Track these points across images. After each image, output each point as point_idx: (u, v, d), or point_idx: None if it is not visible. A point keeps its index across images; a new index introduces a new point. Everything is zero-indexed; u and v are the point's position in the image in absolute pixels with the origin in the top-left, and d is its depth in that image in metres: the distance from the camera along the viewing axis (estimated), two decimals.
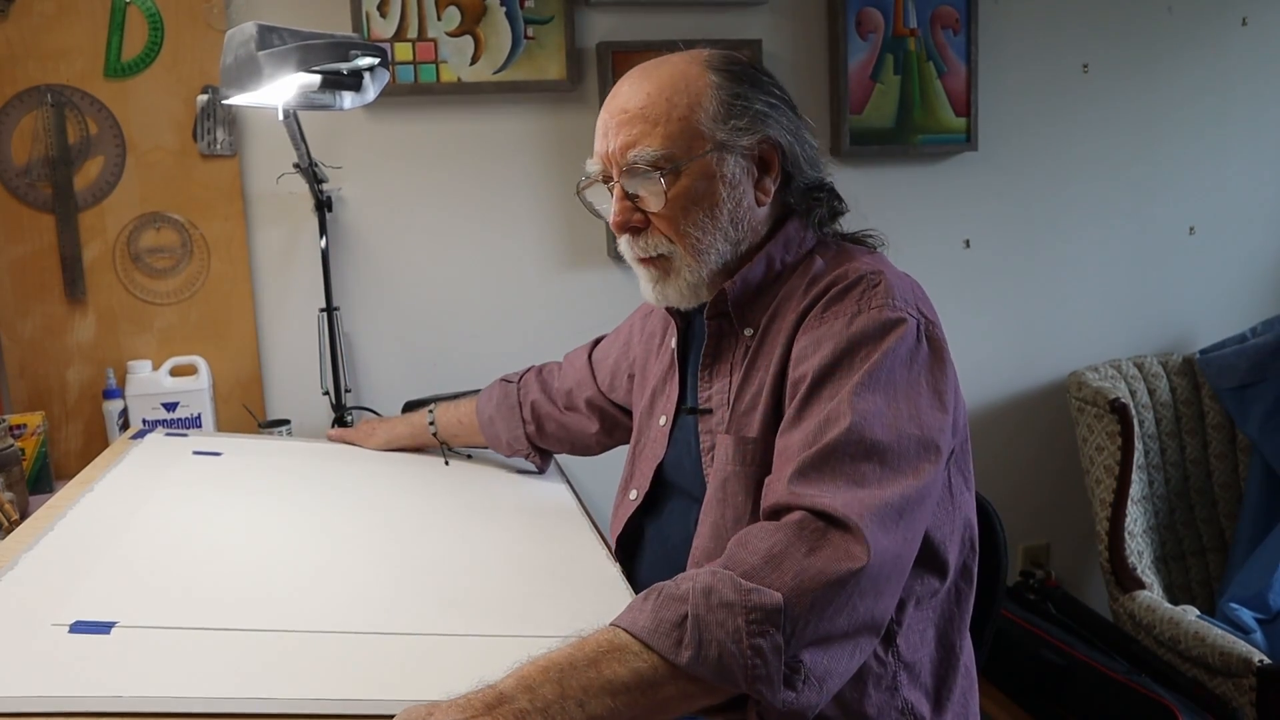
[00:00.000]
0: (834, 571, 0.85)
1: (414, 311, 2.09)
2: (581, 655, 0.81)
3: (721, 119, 1.07)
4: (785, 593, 0.84)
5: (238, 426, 1.95)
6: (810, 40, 2.26)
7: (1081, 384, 2.38)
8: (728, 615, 0.82)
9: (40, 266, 1.86)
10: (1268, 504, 2.36)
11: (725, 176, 1.08)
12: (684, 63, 1.10)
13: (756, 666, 0.81)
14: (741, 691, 0.83)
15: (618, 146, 1.08)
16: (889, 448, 0.93)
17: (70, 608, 0.94)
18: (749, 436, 1.06)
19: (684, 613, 0.83)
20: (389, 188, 2.05)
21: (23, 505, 1.50)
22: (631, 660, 0.81)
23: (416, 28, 2.00)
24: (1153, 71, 2.50)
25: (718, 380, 1.13)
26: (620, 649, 0.82)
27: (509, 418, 1.54)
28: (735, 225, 1.09)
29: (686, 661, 0.81)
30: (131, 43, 1.87)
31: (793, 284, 1.10)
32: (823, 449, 0.93)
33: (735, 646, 0.81)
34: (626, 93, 1.09)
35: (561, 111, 2.12)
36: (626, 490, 1.26)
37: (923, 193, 2.36)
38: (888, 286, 1.02)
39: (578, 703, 0.78)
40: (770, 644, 0.82)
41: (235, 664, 0.88)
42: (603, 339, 1.51)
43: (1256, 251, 2.66)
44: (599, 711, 0.78)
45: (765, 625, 0.82)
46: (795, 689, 0.84)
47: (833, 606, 0.85)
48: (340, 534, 1.28)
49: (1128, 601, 2.20)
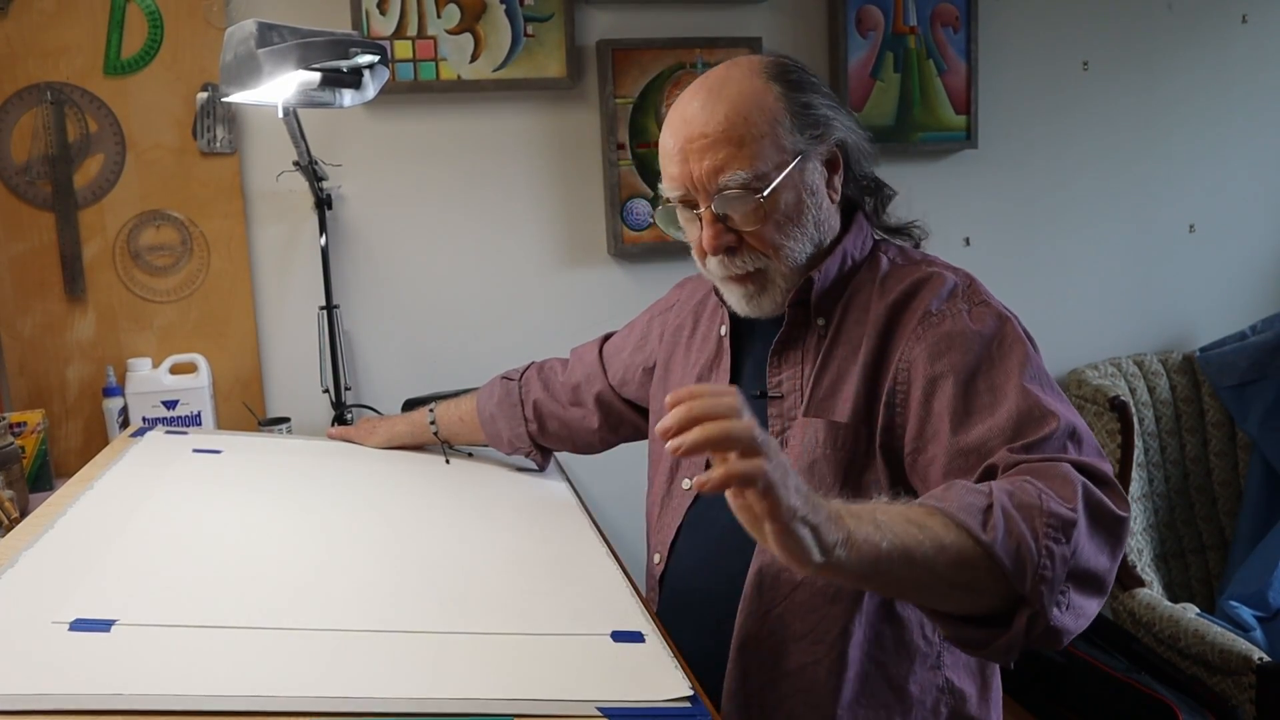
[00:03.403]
0: (1113, 512, 0.90)
1: (414, 309, 2.09)
2: (897, 508, 0.85)
3: (798, 130, 1.09)
4: (1078, 513, 0.87)
5: (238, 424, 1.95)
6: (810, 38, 2.25)
7: (1081, 382, 2.38)
8: (1029, 514, 0.85)
9: (40, 264, 1.86)
10: (1267, 502, 2.36)
11: (807, 184, 1.10)
12: (747, 78, 1.09)
13: (1045, 567, 0.84)
14: (1021, 593, 0.84)
15: (704, 171, 1.08)
16: (1083, 431, 0.98)
17: (70, 605, 0.94)
18: (840, 421, 1.08)
19: (989, 503, 0.86)
20: (389, 185, 2.05)
21: (23, 503, 1.50)
22: (946, 522, 0.84)
23: (416, 25, 2.00)
24: (1153, 69, 2.50)
25: (788, 368, 1.15)
26: (931, 513, 0.85)
27: (510, 415, 1.54)
28: (818, 228, 1.13)
29: (992, 540, 0.83)
30: (131, 40, 1.86)
31: (862, 278, 1.14)
32: (1039, 439, 0.95)
33: (1033, 542, 0.84)
34: (700, 116, 1.08)
35: (561, 109, 2.12)
36: (673, 480, 1.25)
37: (922, 190, 2.36)
38: (976, 284, 1.11)
39: (891, 531, 0.80)
40: (1060, 551, 0.85)
41: (235, 662, 0.87)
42: (613, 335, 1.51)
43: (1256, 249, 2.66)
44: (909, 540, 0.81)
45: (1058, 534, 0.85)
46: (1060, 609, 0.86)
47: (1107, 541, 0.89)
48: (340, 532, 1.28)
49: (1128, 599, 2.20)
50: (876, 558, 0.79)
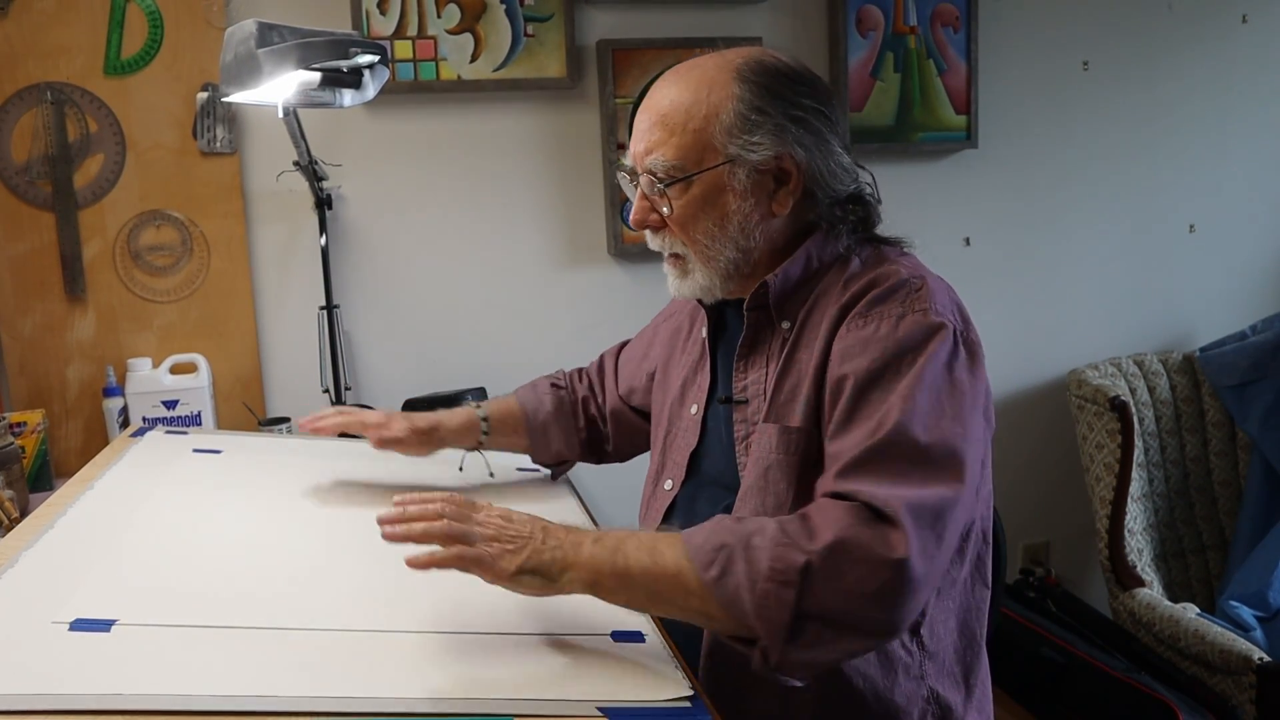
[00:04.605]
0: (869, 554, 0.89)
1: (414, 309, 2.09)
2: (649, 535, 0.97)
3: (736, 133, 1.07)
4: (813, 557, 0.89)
5: (238, 424, 1.95)
6: (810, 38, 2.25)
7: (1081, 382, 2.38)
8: (756, 557, 0.90)
9: (40, 264, 1.86)
10: (1268, 501, 2.36)
11: (735, 189, 1.09)
12: (714, 69, 1.09)
13: (764, 609, 0.89)
14: (752, 626, 0.90)
15: (640, 149, 1.11)
16: (930, 450, 0.95)
17: (70, 605, 0.94)
18: (792, 426, 1.07)
19: (726, 542, 0.92)
20: (389, 185, 2.05)
21: (23, 503, 1.50)
22: (679, 555, 0.93)
23: (416, 25, 2.00)
24: (1153, 69, 2.50)
25: (753, 371, 1.14)
26: (673, 543, 0.94)
27: (566, 426, 1.49)
28: (746, 235, 1.11)
29: (709, 580, 0.91)
30: (131, 40, 1.86)
31: (829, 280, 1.11)
32: (870, 448, 0.95)
33: (750, 585, 0.89)
34: (656, 95, 1.11)
35: (561, 109, 2.12)
36: (658, 481, 1.26)
37: (923, 190, 2.36)
38: (929, 291, 1.04)
39: (624, 554, 0.94)
40: (783, 595, 0.88)
41: (235, 662, 0.87)
42: (628, 343, 1.51)
43: (1256, 249, 2.66)
44: (634, 567, 0.93)
45: (784, 578, 0.89)
46: (799, 645, 0.89)
47: (854, 587, 0.89)
48: (340, 532, 1.27)
49: (1128, 599, 2.20)
50: (597, 580, 0.93)
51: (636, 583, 0.93)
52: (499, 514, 0.97)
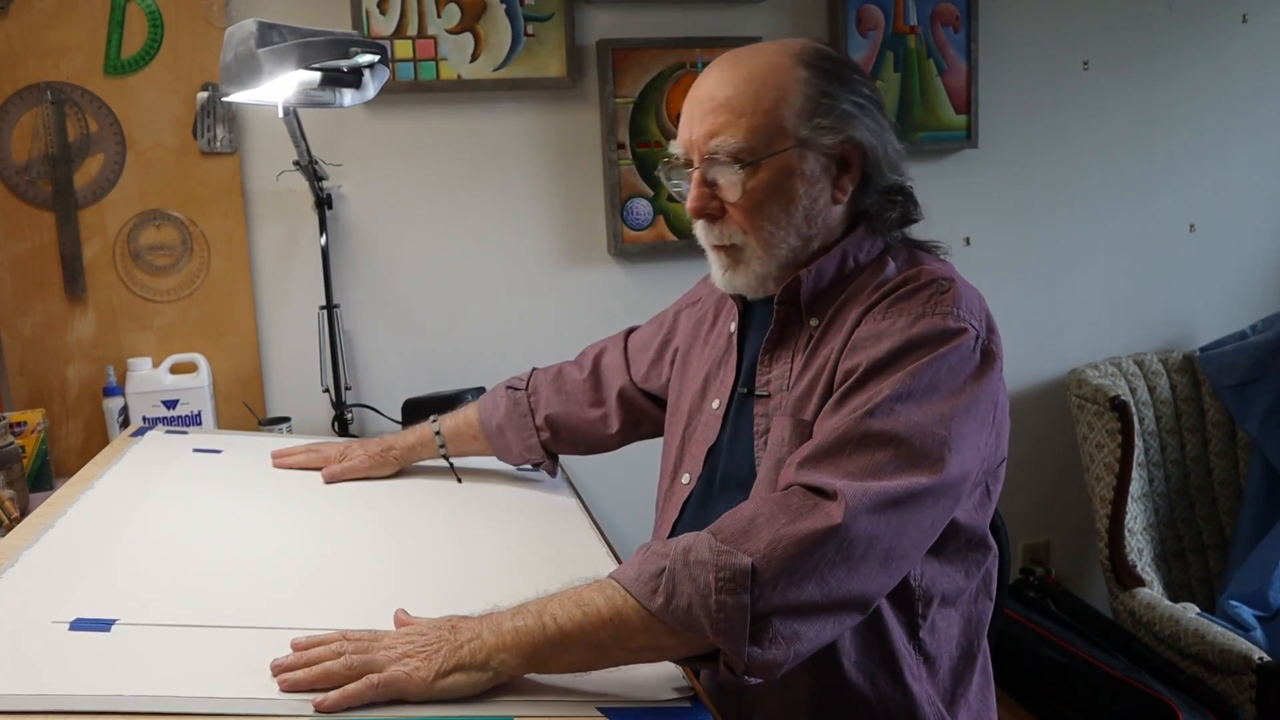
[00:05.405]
0: (804, 531, 0.89)
1: (414, 309, 2.09)
2: (570, 591, 0.91)
3: (806, 116, 1.06)
4: (756, 557, 0.87)
5: (238, 424, 1.95)
6: (810, 37, 2.25)
7: (1081, 381, 2.38)
8: (700, 572, 0.87)
9: (40, 264, 1.86)
10: (1268, 501, 2.36)
11: (804, 173, 1.08)
12: (776, 55, 1.09)
13: (721, 620, 0.86)
14: (709, 643, 0.87)
15: (701, 134, 1.08)
16: (904, 441, 0.94)
17: (70, 605, 0.94)
18: (805, 420, 1.07)
19: (664, 566, 0.89)
20: (389, 185, 2.05)
21: (23, 503, 1.50)
22: (612, 595, 0.89)
23: (416, 25, 2.00)
24: (1153, 69, 2.50)
25: (778, 366, 1.14)
26: (602, 587, 0.90)
27: (521, 426, 1.49)
28: (809, 222, 1.10)
29: (657, 608, 0.87)
30: (131, 40, 1.86)
31: (863, 281, 1.10)
32: (839, 436, 0.95)
33: (703, 600, 0.86)
34: (715, 80, 1.09)
35: (562, 109, 2.12)
36: (675, 475, 1.24)
37: (923, 190, 2.30)
38: (956, 295, 1.03)
39: (551, 616, 0.88)
40: (737, 602, 0.86)
41: (235, 662, 0.88)
42: (635, 330, 1.49)
43: (1257, 249, 2.66)
44: (567, 625, 0.87)
45: (734, 584, 0.86)
46: (762, 645, 0.87)
47: (801, 572, 0.88)
48: (340, 532, 1.28)
49: (1128, 599, 2.20)
50: (532, 652, 0.87)
51: (573, 641, 0.87)
52: (404, 631, 0.90)
